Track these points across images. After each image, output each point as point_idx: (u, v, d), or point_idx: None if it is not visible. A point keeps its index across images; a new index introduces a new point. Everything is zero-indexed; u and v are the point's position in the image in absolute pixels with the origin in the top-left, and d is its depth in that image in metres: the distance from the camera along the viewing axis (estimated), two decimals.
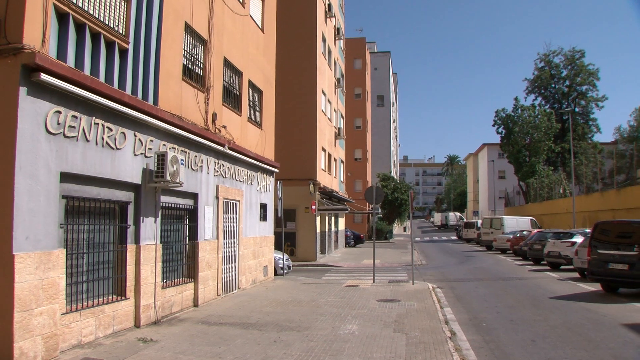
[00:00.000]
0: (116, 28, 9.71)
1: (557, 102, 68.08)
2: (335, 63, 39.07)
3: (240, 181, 16.62)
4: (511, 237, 35.32)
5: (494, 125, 62.28)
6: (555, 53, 68.74)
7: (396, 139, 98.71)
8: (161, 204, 11.31)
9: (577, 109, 66.57)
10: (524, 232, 34.93)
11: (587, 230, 23.26)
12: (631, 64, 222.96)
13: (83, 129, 8.59)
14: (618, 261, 15.77)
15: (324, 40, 33.92)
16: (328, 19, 35.83)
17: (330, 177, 35.80)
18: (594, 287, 17.28)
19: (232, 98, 16.30)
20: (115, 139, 9.49)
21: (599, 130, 68.02)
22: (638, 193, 30.84)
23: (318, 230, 30.44)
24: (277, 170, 20.74)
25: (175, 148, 11.81)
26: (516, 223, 41.58)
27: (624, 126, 68.06)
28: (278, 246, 21.75)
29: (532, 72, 70.50)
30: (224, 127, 15.05)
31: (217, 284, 14.44)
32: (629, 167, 53.06)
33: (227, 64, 15.74)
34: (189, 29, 12.89)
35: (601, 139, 68.05)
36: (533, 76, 69.77)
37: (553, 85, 68.93)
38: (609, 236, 16.99)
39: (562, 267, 24.04)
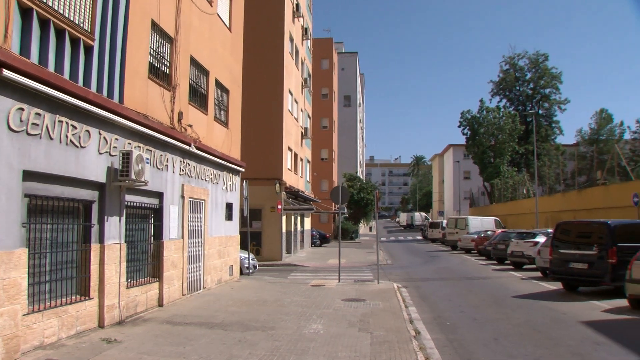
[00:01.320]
0: (82, 25, 9.59)
1: (522, 104, 69.43)
2: (302, 63, 39.10)
3: (206, 180, 16.54)
4: (475, 237, 35.78)
5: (459, 127, 63.26)
6: (519, 56, 70.18)
7: (362, 139, 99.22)
8: (126, 203, 11.20)
9: (540, 111, 68.04)
10: (488, 232, 35.48)
11: (549, 230, 23.76)
12: (592, 68, 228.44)
13: (47, 127, 8.46)
14: (578, 260, 16.19)
15: (291, 40, 33.93)
16: (296, 19, 35.84)
17: (297, 176, 35.83)
18: (556, 285, 17.67)
19: (198, 97, 16.22)
20: (79, 137, 9.37)
21: (561, 132, 69.79)
22: (598, 194, 31.66)
23: (284, 229, 30.44)
24: (243, 170, 20.68)
25: (140, 147, 11.70)
26: (481, 223, 42.19)
27: (585, 129, 69.90)
28: (244, 246, 21.69)
29: (497, 74, 71.88)
30: (190, 126, 14.96)
31: (182, 283, 14.36)
32: (589, 168, 54.39)
33: (194, 62, 15.65)
34: (155, 26, 12.79)
35: (563, 140, 69.71)
36: (498, 78, 71.09)
37: (517, 88, 70.25)
38: (569, 236, 17.43)
39: (525, 266, 24.50)
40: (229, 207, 19.20)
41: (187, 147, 14.38)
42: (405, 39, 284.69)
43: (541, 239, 23.23)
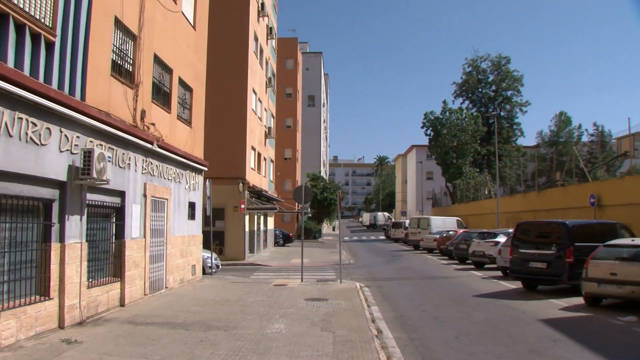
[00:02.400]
0: (42, 20, 9.43)
1: (484, 105, 70.65)
2: (266, 62, 39.05)
3: (168, 179, 16.41)
4: (438, 237, 36.15)
5: (422, 127, 63.79)
6: (482, 58, 71.50)
7: (326, 139, 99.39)
8: (87, 201, 11.05)
9: (502, 113, 69.34)
10: (450, 232, 35.89)
11: (510, 230, 24.21)
12: (552, 71, 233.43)
13: (5, 124, 8.29)
14: (537, 260, 16.57)
15: (256, 39, 33.85)
16: (261, 18, 35.77)
17: (260, 176, 35.76)
18: (515, 285, 18.00)
19: (161, 95, 16.08)
20: (40, 135, 9.21)
21: (522, 134, 71.41)
22: (557, 195, 32.35)
23: (247, 229, 30.36)
24: (206, 169, 20.57)
25: (102, 145, 11.55)
26: (443, 223, 42.65)
27: (545, 131, 71.30)
28: (206, 245, 21.58)
29: (461, 76, 73.04)
30: (153, 124, 14.83)
31: (144, 283, 14.22)
32: (549, 170, 55.52)
33: (157, 60, 15.51)
34: (119, 23, 12.65)
35: (524, 142, 71.09)
36: (461, 80, 72.29)
37: (480, 90, 71.47)
38: (529, 236, 17.80)
39: (486, 266, 24.89)
40: (191, 206, 19.08)
41: (149, 145, 14.24)
42: (369, 40, 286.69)
43: (502, 239, 23.68)
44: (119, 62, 12.85)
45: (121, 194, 12.91)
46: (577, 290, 14.58)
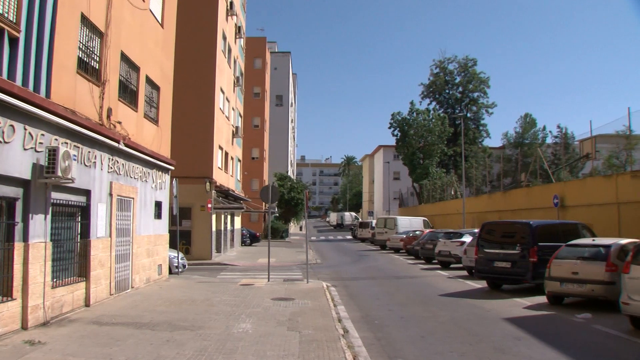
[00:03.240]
0: (6, 15, 9.28)
1: (451, 107, 71.57)
2: (235, 61, 38.89)
3: (135, 178, 16.26)
4: (404, 236, 36.36)
5: (389, 128, 64.16)
6: (449, 60, 72.44)
7: (294, 139, 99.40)
8: (52, 200, 10.90)
9: (469, 114, 70.35)
10: (417, 232, 36.15)
11: (476, 230, 24.56)
12: (518, 74, 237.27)
13: None
14: (502, 259, 16.83)
15: (224, 38, 33.69)
16: (229, 17, 35.60)
17: (227, 175, 35.61)
18: (481, 284, 18.27)
19: (128, 93, 15.92)
20: (3, 132, 9.05)
21: (488, 135, 72.59)
22: (521, 195, 32.90)
23: (214, 228, 30.20)
24: (173, 168, 20.42)
25: (67, 143, 11.40)
26: (409, 223, 42.94)
27: (511, 132, 72.54)
28: (173, 245, 21.41)
29: (428, 77, 73.91)
30: (119, 122, 14.68)
31: (110, 283, 14.07)
32: (514, 171, 56.34)
33: (125, 58, 15.36)
34: (85, 20, 12.50)
35: (490, 143, 72.31)
36: (428, 81, 73.18)
37: (447, 91, 72.39)
38: (494, 236, 18.04)
39: (452, 265, 25.16)
40: (158, 205, 18.93)
41: (116, 144, 14.11)
42: (338, 40, 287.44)
43: (467, 238, 23.97)
44: (85, 59, 12.69)
45: (87, 193, 12.76)
46: (541, 289, 14.88)
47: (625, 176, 22.34)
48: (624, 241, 14.04)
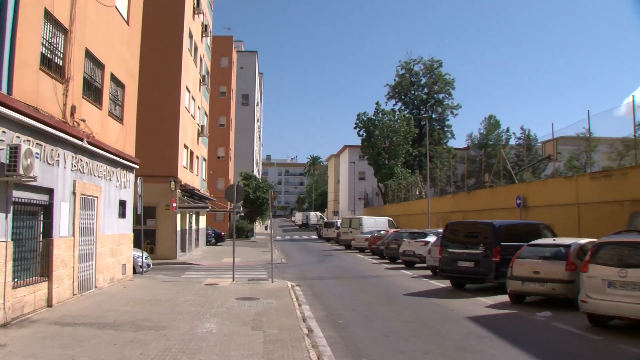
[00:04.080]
0: None
1: (416, 107, 72.28)
2: (201, 60, 38.65)
3: (99, 177, 16.07)
4: (369, 236, 36.52)
5: (355, 128, 64.16)
6: (415, 61, 73.17)
7: (260, 138, 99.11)
8: (13, 199, 10.71)
9: (434, 115, 71.23)
10: (382, 232, 36.28)
11: (440, 230, 24.82)
12: (483, 76, 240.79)
13: None
14: (465, 259, 17.07)
15: (190, 36, 33.47)
16: (196, 15, 35.38)
17: (192, 174, 35.39)
18: (445, 283, 18.46)
19: (92, 91, 15.72)
20: None
21: (453, 136, 73.54)
22: (485, 196, 33.40)
23: (178, 228, 30.00)
24: (137, 167, 20.24)
25: (30, 141, 11.23)
26: (374, 223, 43.11)
27: (475, 133, 73.40)
28: (137, 244, 21.19)
29: (394, 78, 74.45)
30: (83, 120, 14.49)
31: (73, 283, 13.88)
32: (478, 171, 57.16)
33: (89, 55, 15.16)
34: (49, 16, 12.30)
35: (455, 144, 73.12)
36: (394, 82, 73.59)
37: (413, 92, 73.07)
38: (458, 236, 18.29)
39: (416, 265, 25.33)
40: (122, 204, 18.74)
41: (79, 142, 13.94)
42: (305, 40, 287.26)
43: (432, 238, 24.16)
44: (48, 55, 12.49)
45: (49, 192, 12.57)
46: (503, 288, 15.12)
47: (585, 177, 22.95)
48: (583, 241, 14.41)
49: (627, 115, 22.02)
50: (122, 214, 18.80)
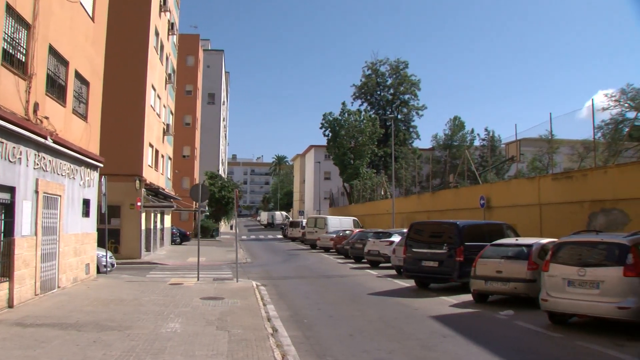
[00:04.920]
0: None
1: (382, 108, 72.82)
2: (167, 58, 38.30)
3: (62, 175, 15.84)
4: (334, 236, 36.55)
5: (321, 128, 64.38)
6: (381, 62, 73.73)
7: (225, 137, 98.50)
8: None
9: (399, 116, 71.92)
10: (347, 232, 36.32)
11: (404, 230, 25.04)
12: (448, 77, 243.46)
13: None
14: (430, 259, 17.22)
15: (157, 34, 33.15)
16: (162, 13, 35.07)
17: (157, 173, 35.06)
18: (409, 283, 18.60)
19: (56, 88, 15.49)
20: None
21: (418, 136, 74.41)
22: (450, 196, 33.82)
23: (143, 227, 29.68)
24: (101, 165, 20.00)
25: None
26: (339, 223, 43.31)
27: (440, 134, 74.36)
28: (101, 243, 20.92)
29: (360, 78, 74.82)
30: (47, 118, 14.28)
31: (35, 283, 13.66)
32: (443, 172, 58.01)
33: (53, 51, 14.93)
34: (10, 10, 12.11)
35: (420, 145, 74.09)
36: (360, 82, 73.94)
37: (378, 92, 73.60)
38: (422, 236, 18.41)
39: (381, 265, 25.47)
40: (86, 203, 18.50)
41: (43, 140, 13.73)
42: (271, 40, 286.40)
43: (396, 238, 24.35)
44: (10, 51, 12.30)
45: (11, 190, 12.36)
46: (467, 287, 15.35)
47: (547, 178, 23.49)
48: (544, 241, 14.72)
49: (588, 118, 22.73)
50: (86, 213, 18.56)
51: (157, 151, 34.57)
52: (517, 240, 15.85)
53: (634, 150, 27.16)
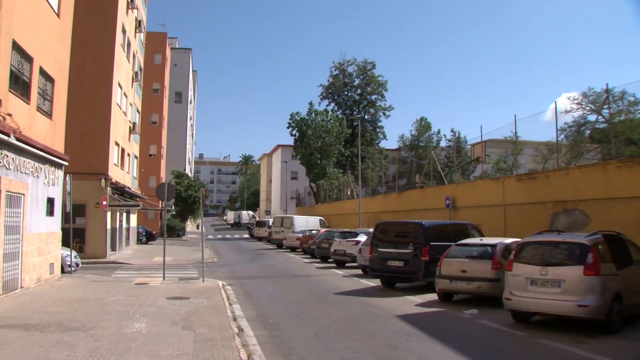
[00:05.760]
0: None
1: (349, 108, 73.17)
2: (134, 56, 37.87)
3: (26, 173, 15.58)
4: (301, 235, 36.73)
5: (288, 128, 64.45)
6: (349, 62, 74.11)
7: (192, 136, 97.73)
8: None
9: (366, 116, 72.42)
10: (313, 231, 36.59)
11: (370, 230, 25.26)
12: (415, 78, 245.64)
13: None
14: (395, 258, 17.41)
15: (124, 31, 32.76)
16: (130, 10, 34.68)
17: (123, 172, 34.67)
18: (375, 282, 18.78)
19: (20, 85, 15.22)
20: None
21: (385, 137, 74.94)
22: (416, 196, 34.21)
23: (109, 226, 29.33)
24: (66, 164, 19.69)
25: None
26: (306, 222, 43.53)
27: (407, 135, 75.16)
28: (66, 243, 20.61)
29: (327, 79, 75.09)
30: (10, 115, 14.04)
31: None
32: (409, 172, 58.63)
33: (16, 47, 14.65)
34: None
35: (387, 145, 74.81)
36: (328, 83, 74.18)
37: (346, 93, 73.94)
38: (388, 235, 18.62)
39: (347, 264, 25.61)
40: (50, 202, 18.22)
41: (5, 137, 13.48)
42: (239, 39, 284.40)
43: (362, 238, 24.52)
44: None
45: None
46: (432, 287, 15.59)
47: (511, 179, 23.98)
48: (508, 241, 15.07)
49: (552, 121, 23.23)
50: (50, 212, 18.28)
51: (123, 150, 34.19)
52: (481, 240, 16.16)
53: (595, 152, 27.85)
